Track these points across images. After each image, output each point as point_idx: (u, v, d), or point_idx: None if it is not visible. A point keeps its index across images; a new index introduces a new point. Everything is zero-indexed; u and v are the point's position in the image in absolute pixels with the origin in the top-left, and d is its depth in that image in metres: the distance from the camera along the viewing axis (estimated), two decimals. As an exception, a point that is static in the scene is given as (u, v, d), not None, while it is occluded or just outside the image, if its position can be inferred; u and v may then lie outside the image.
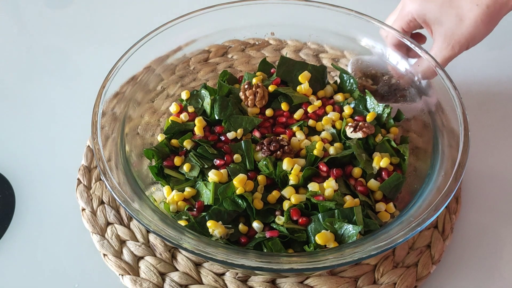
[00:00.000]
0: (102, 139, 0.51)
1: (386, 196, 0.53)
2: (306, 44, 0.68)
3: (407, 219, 0.46)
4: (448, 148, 0.51)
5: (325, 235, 0.47)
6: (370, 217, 0.50)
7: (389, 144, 0.56)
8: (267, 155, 0.54)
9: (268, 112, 0.60)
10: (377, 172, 0.54)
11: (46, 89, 0.72)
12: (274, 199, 0.51)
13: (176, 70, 0.63)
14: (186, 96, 0.61)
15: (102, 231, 0.55)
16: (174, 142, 0.57)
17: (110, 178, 0.47)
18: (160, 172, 0.55)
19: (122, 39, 0.62)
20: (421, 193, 0.49)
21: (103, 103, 0.53)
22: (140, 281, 0.51)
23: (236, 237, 0.49)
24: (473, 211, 0.59)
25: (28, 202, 0.59)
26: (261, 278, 0.52)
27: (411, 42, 0.58)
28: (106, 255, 0.53)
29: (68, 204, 0.58)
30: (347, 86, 0.63)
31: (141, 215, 0.45)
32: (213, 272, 0.52)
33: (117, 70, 0.55)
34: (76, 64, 0.76)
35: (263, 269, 0.42)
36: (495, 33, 0.56)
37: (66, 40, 0.80)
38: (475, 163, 0.62)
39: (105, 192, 0.58)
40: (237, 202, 0.50)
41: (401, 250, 0.54)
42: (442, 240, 0.54)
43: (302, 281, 0.52)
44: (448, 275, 0.53)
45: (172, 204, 0.52)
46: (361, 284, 0.51)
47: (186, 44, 0.62)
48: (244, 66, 0.68)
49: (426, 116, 0.56)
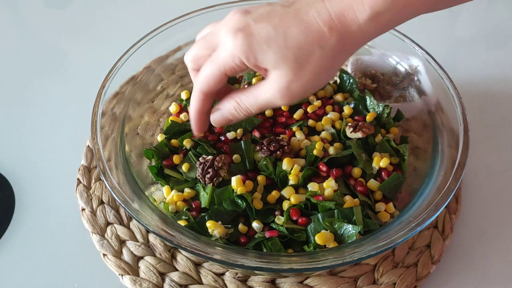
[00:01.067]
0: (102, 139, 0.51)
1: (386, 196, 0.53)
2: (306, 44, 0.68)
3: (407, 219, 0.46)
4: (448, 148, 0.51)
5: (324, 235, 0.47)
6: (370, 217, 0.50)
7: (389, 144, 0.56)
8: (267, 155, 0.54)
9: (268, 112, 0.60)
10: (377, 172, 0.54)
11: (46, 89, 0.72)
12: (273, 199, 0.51)
13: (176, 70, 0.63)
14: (186, 96, 0.61)
15: (102, 231, 0.55)
16: (174, 142, 0.57)
17: (109, 178, 0.47)
18: (159, 172, 0.55)
19: (122, 39, 0.62)
20: (421, 193, 0.49)
21: (103, 103, 0.53)
22: (139, 281, 0.51)
23: (236, 237, 0.49)
24: (473, 211, 0.59)
25: (28, 202, 0.59)
26: (261, 278, 0.52)
27: None
28: (106, 255, 0.53)
29: (68, 204, 0.58)
30: (346, 86, 0.63)
31: (141, 215, 0.45)
32: (212, 272, 0.52)
33: (117, 70, 0.55)
34: (76, 64, 0.76)
35: (262, 269, 0.42)
36: (495, 33, 0.56)
37: (66, 40, 0.80)
38: (475, 163, 0.62)
39: (104, 192, 0.58)
40: (236, 202, 0.50)
41: (401, 250, 0.54)
42: (442, 240, 0.54)
43: (302, 281, 0.52)
44: (448, 275, 0.53)
45: (171, 204, 0.52)
46: (360, 284, 0.51)
47: (186, 44, 0.62)
48: (244, 66, 0.68)
49: (426, 116, 0.56)
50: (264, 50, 0.41)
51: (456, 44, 0.44)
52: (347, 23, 0.41)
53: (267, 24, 0.41)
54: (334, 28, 0.41)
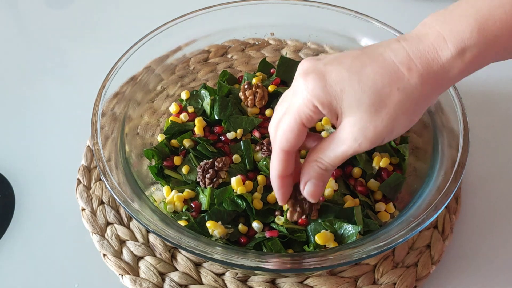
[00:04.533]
0: (102, 139, 0.51)
1: (386, 196, 0.53)
2: (306, 44, 0.68)
3: (407, 219, 0.46)
4: (448, 148, 0.51)
5: (324, 235, 0.47)
6: (370, 217, 0.50)
7: (388, 144, 0.56)
8: (267, 155, 0.54)
9: (268, 112, 0.60)
10: (377, 172, 0.54)
11: (46, 89, 0.72)
12: (274, 199, 0.51)
13: (176, 70, 0.63)
14: (186, 96, 0.61)
15: (102, 231, 0.55)
16: (174, 142, 0.57)
17: (110, 178, 0.47)
18: (160, 172, 0.55)
19: (122, 39, 0.62)
20: (421, 193, 0.49)
21: (103, 103, 0.53)
22: (140, 281, 0.51)
23: (236, 237, 0.49)
24: (473, 211, 0.59)
25: (28, 202, 0.59)
26: (261, 278, 0.52)
27: None
28: (106, 255, 0.53)
29: (68, 204, 0.58)
30: (347, 86, 0.63)
31: (141, 215, 0.45)
32: (213, 272, 0.52)
33: (117, 70, 0.55)
34: (76, 64, 0.76)
35: (262, 269, 0.43)
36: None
37: (66, 40, 0.80)
38: (475, 163, 0.62)
39: (105, 192, 0.58)
40: (236, 202, 0.50)
41: (401, 250, 0.54)
42: (442, 240, 0.54)
43: (302, 281, 0.52)
44: (448, 275, 0.53)
45: (170, 204, 0.52)
46: (361, 284, 0.51)
47: (186, 44, 0.62)
48: (244, 66, 0.68)
49: (426, 116, 0.56)
50: (337, 93, 0.38)
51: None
52: (428, 63, 0.37)
53: (338, 65, 0.38)
54: (413, 69, 0.37)
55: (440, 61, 0.37)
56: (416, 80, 0.38)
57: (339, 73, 0.38)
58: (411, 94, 0.38)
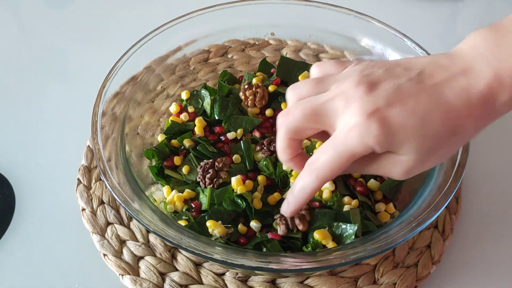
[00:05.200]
0: (102, 139, 0.51)
1: (386, 196, 0.53)
2: (306, 44, 0.68)
3: (407, 219, 0.46)
4: (448, 148, 0.51)
5: (323, 231, 0.47)
6: (368, 218, 0.50)
7: (389, 144, 0.56)
8: (267, 155, 0.54)
9: (268, 112, 0.60)
10: (377, 172, 0.54)
11: (46, 89, 0.72)
12: (274, 200, 0.51)
13: (176, 70, 0.63)
14: (186, 96, 0.61)
15: (102, 231, 0.55)
16: (174, 142, 0.57)
17: (110, 178, 0.47)
18: (160, 172, 0.55)
19: (122, 39, 0.62)
20: (421, 193, 0.49)
21: (103, 103, 0.53)
22: (140, 281, 0.51)
23: (236, 237, 0.49)
24: (473, 211, 0.59)
25: (28, 202, 0.59)
26: (261, 278, 0.52)
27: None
28: (106, 255, 0.53)
29: (68, 204, 0.58)
30: (347, 86, 0.63)
31: (141, 215, 0.45)
32: (213, 272, 0.52)
33: (117, 70, 0.55)
34: (76, 64, 0.76)
35: (263, 269, 0.42)
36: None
37: (66, 40, 0.80)
38: (475, 163, 0.62)
39: (105, 192, 0.58)
40: (236, 202, 0.50)
41: (401, 250, 0.54)
42: (442, 240, 0.54)
43: (302, 281, 0.52)
44: (448, 275, 0.53)
45: (170, 204, 0.52)
46: (361, 284, 0.51)
47: (186, 44, 0.62)
48: (244, 66, 0.68)
49: (426, 116, 0.56)
50: (399, 140, 0.38)
51: (456, 44, 0.44)
52: (486, 107, 0.37)
53: (402, 109, 0.37)
54: (473, 115, 0.37)
55: (496, 105, 0.38)
56: (472, 127, 0.38)
57: (403, 119, 0.37)
58: (465, 139, 0.40)
